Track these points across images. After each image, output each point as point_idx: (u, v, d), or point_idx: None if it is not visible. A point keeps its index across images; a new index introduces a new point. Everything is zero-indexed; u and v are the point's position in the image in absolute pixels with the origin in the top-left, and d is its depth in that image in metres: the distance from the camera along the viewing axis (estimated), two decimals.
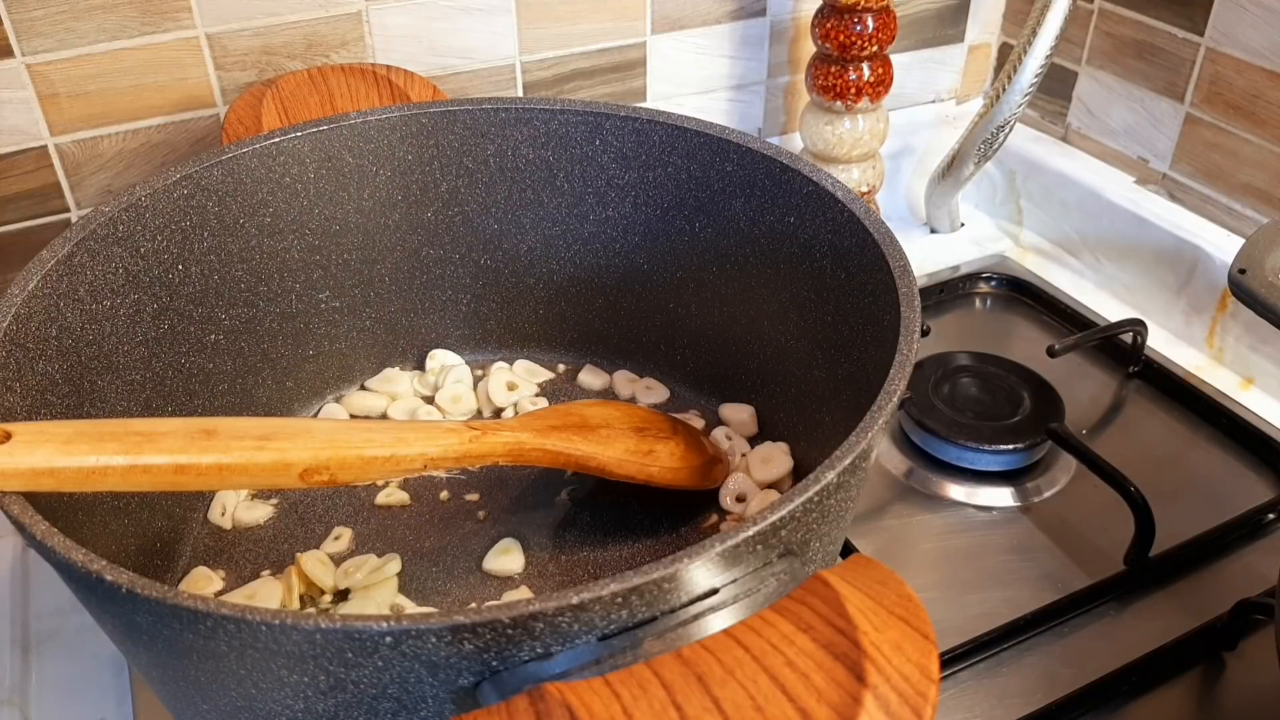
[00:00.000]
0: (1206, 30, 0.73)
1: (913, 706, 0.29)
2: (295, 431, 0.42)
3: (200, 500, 0.57)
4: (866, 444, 0.37)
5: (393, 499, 0.57)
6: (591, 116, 0.58)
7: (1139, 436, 0.67)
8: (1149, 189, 0.80)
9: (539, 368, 0.66)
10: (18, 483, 0.36)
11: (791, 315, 0.56)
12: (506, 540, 0.55)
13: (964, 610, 0.55)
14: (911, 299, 0.44)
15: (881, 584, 0.33)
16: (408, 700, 0.33)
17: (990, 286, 0.81)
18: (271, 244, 0.57)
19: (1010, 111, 0.75)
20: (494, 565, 0.53)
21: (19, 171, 0.63)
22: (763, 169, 0.54)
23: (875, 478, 0.64)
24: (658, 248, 0.61)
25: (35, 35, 0.60)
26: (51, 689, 0.53)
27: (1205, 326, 0.74)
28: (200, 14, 0.63)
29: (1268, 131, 0.71)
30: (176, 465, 0.38)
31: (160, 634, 0.34)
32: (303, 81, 0.63)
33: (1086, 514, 0.61)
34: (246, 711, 0.36)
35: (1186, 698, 0.52)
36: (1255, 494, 0.62)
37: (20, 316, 0.44)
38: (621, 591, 0.31)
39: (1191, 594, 0.57)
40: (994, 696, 0.52)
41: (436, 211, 0.61)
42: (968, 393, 0.67)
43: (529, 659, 0.32)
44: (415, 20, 0.69)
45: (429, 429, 0.47)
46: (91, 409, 0.48)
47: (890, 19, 0.74)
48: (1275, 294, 0.49)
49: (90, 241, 0.48)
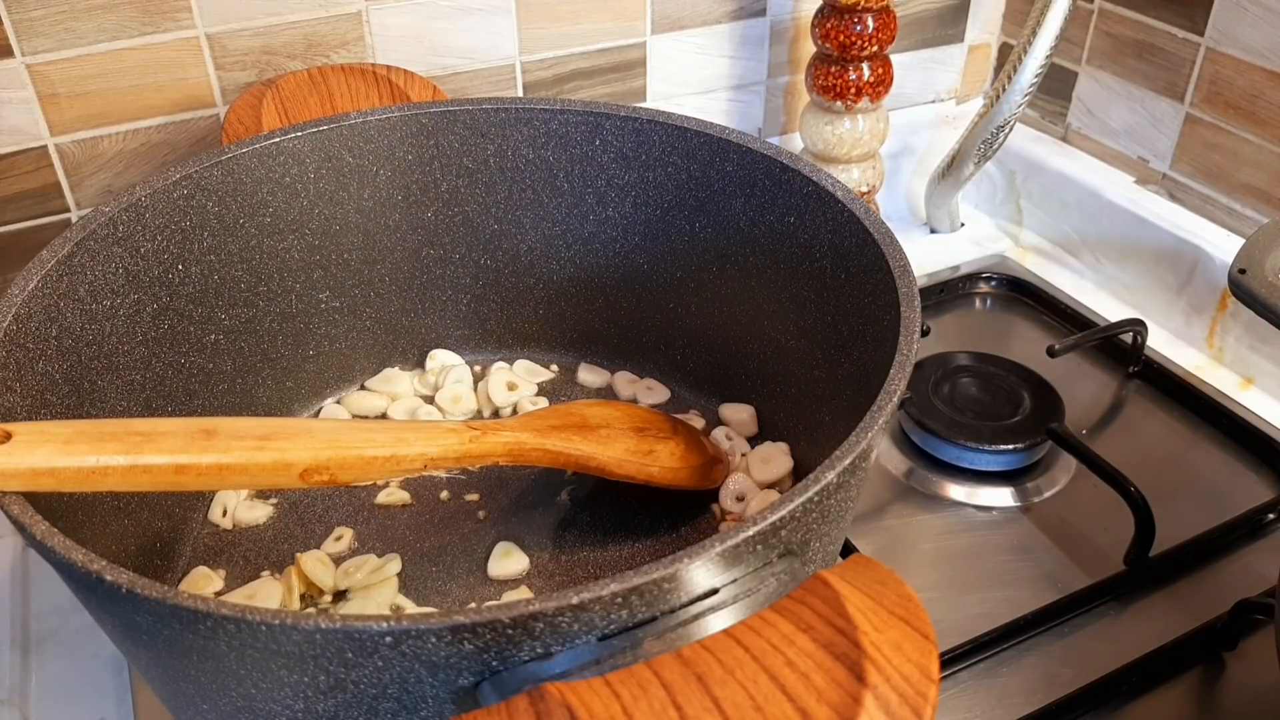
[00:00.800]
0: (1206, 30, 0.73)
1: (913, 706, 0.29)
2: (295, 431, 0.42)
3: (200, 500, 0.57)
4: (866, 444, 0.37)
5: (393, 499, 0.57)
6: (591, 116, 0.58)
7: (1139, 436, 0.67)
8: (1149, 189, 0.80)
9: (539, 368, 0.66)
10: (18, 483, 0.36)
11: (791, 315, 0.56)
12: (504, 544, 0.55)
13: (964, 610, 0.55)
14: (911, 299, 0.44)
15: (881, 584, 0.33)
16: (408, 700, 0.33)
17: (990, 286, 0.81)
18: (271, 244, 0.57)
19: (1010, 111, 0.75)
20: (499, 570, 0.53)
21: (19, 171, 0.63)
22: (763, 169, 0.54)
23: (875, 478, 0.64)
24: (658, 248, 0.61)
25: (35, 35, 0.60)
26: (51, 689, 0.53)
27: (1205, 326, 0.74)
28: (200, 14, 0.63)
29: (1268, 131, 0.71)
30: (177, 465, 0.38)
31: (160, 634, 0.34)
32: (303, 81, 0.63)
33: (1086, 514, 0.61)
34: (246, 711, 0.36)
35: (1186, 698, 0.52)
36: (1255, 494, 0.62)
37: (20, 316, 0.44)
38: (621, 591, 0.31)
39: (1191, 594, 0.57)
40: (994, 696, 0.52)
41: (436, 211, 0.61)
42: (968, 393, 0.67)
43: (529, 659, 0.32)
44: (415, 20, 0.69)
45: (429, 429, 0.47)
46: (91, 409, 0.48)
47: (890, 19, 0.74)
48: (1275, 294, 0.49)
49: (90, 241, 0.48)
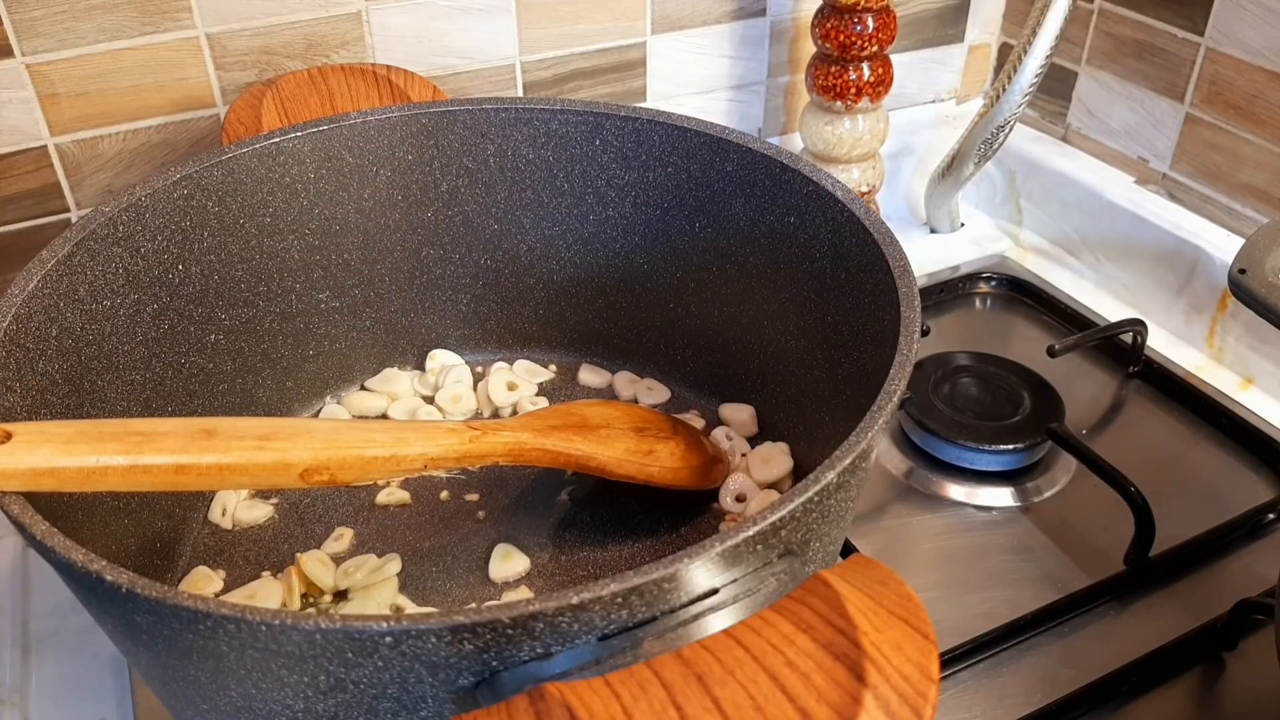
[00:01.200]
0: (1206, 30, 0.73)
1: (913, 706, 0.29)
2: (295, 431, 0.42)
3: (200, 500, 0.57)
4: (866, 444, 0.37)
5: (393, 499, 0.57)
6: (591, 116, 0.58)
7: (1139, 436, 0.67)
8: (1149, 189, 0.80)
9: (539, 368, 0.66)
10: (18, 483, 0.36)
11: (791, 315, 0.56)
12: (504, 545, 0.54)
13: (964, 610, 0.55)
14: (911, 299, 0.44)
15: (881, 584, 0.33)
16: (408, 700, 0.33)
17: (990, 286, 0.81)
18: (271, 244, 0.57)
19: (1010, 111, 0.75)
20: (500, 572, 0.53)
21: (19, 171, 0.63)
22: (763, 169, 0.54)
23: (875, 478, 0.64)
24: (658, 248, 0.61)
25: (35, 35, 0.60)
26: (51, 689, 0.53)
27: (1205, 326, 0.74)
28: (200, 14, 0.63)
29: (1268, 131, 0.71)
30: (177, 465, 0.38)
31: (160, 634, 0.34)
32: (303, 81, 0.63)
33: (1086, 514, 0.61)
34: (246, 711, 0.36)
35: (1186, 698, 0.52)
36: (1255, 494, 0.62)
37: (20, 316, 0.44)
38: (621, 591, 0.31)
39: (1191, 594, 0.57)
40: (994, 696, 0.52)
41: (436, 211, 0.61)
42: (968, 393, 0.67)
43: (529, 659, 0.32)
44: (415, 20, 0.69)
45: (429, 429, 0.47)
46: (91, 409, 0.48)
47: (890, 19, 0.74)
48: (1275, 294, 0.49)
49: (90, 241, 0.48)
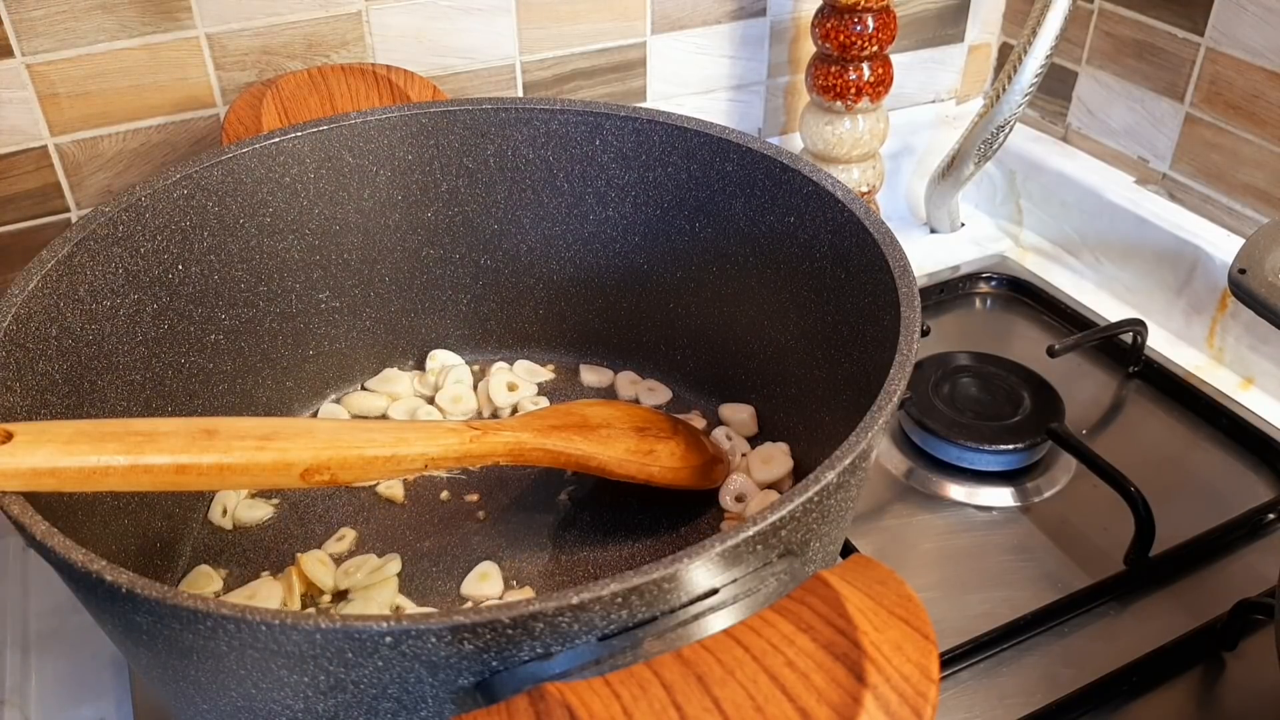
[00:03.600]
0: (1206, 30, 0.73)
1: (913, 706, 0.29)
2: (296, 431, 0.42)
3: (200, 500, 0.57)
4: (866, 444, 0.37)
5: (393, 498, 0.57)
6: (591, 116, 0.58)
7: (1139, 436, 0.67)
8: (1149, 189, 0.80)
9: (539, 368, 0.66)
10: (18, 483, 0.36)
11: (791, 315, 0.56)
12: (485, 564, 0.54)
13: (964, 610, 0.55)
14: (911, 299, 0.44)
15: (881, 584, 0.33)
16: (408, 700, 0.33)
17: (990, 286, 0.81)
18: (271, 244, 0.57)
19: (1010, 111, 0.75)
20: (473, 590, 0.52)
21: (19, 171, 0.63)
22: (763, 169, 0.54)
23: (875, 478, 0.64)
24: (658, 248, 0.61)
25: (35, 35, 0.60)
26: (51, 689, 0.53)
27: (1205, 326, 0.74)
28: (200, 14, 0.63)
29: (1268, 131, 0.71)
30: (177, 465, 0.38)
31: (160, 634, 0.34)
32: (303, 81, 0.63)
33: (1086, 514, 0.61)
34: (246, 711, 0.36)
35: (1186, 698, 0.52)
36: (1255, 494, 0.62)
37: (20, 316, 0.44)
38: (621, 591, 0.31)
39: (1191, 594, 0.57)
40: (994, 696, 0.52)
41: (436, 211, 0.61)
42: (968, 393, 0.67)
43: (529, 659, 0.32)
44: (415, 20, 0.69)
45: (430, 429, 0.47)
46: (91, 409, 0.48)
47: (890, 19, 0.74)
48: (1275, 294, 0.49)
49: (90, 241, 0.48)
